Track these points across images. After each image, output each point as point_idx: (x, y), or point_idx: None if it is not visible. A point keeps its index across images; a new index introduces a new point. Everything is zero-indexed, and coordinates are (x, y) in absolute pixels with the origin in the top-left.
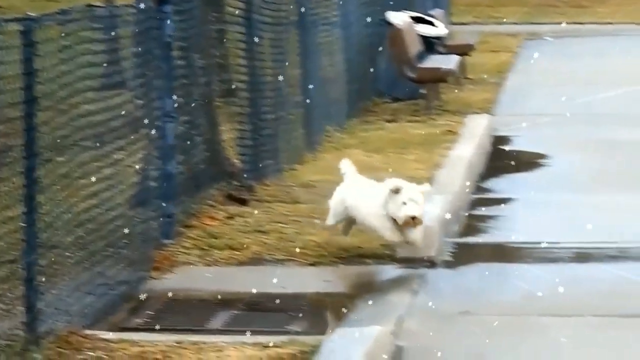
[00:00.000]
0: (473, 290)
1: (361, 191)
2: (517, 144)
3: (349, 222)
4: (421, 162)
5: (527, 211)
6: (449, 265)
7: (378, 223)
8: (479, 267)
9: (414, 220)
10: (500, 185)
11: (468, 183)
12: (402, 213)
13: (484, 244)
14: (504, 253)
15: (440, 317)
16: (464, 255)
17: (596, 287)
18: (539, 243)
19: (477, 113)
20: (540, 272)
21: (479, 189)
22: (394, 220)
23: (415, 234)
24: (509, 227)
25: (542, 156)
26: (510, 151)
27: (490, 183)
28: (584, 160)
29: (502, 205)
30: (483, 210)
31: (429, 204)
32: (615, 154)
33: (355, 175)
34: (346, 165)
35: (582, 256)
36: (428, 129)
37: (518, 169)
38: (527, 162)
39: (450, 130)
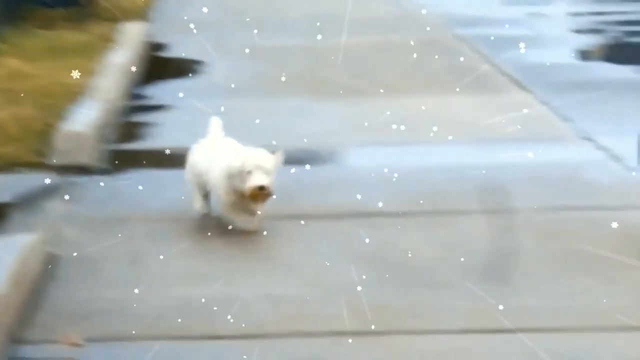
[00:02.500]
0: (130, 197)
1: (213, 155)
2: (174, 51)
3: (203, 192)
4: (77, 69)
5: (183, 117)
6: (105, 172)
7: (223, 197)
8: (136, 173)
9: (262, 192)
10: (158, 92)
11: (124, 90)
12: (248, 185)
13: (141, 151)
14: (160, 159)
15: (97, 223)
16: (120, 161)
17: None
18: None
19: (134, 20)
20: None
21: (136, 96)
22: (241, 194)
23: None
24: (166, 133)
25: (199, 63)
26: (167, 58)
27: (147, 90)
28: (240, 66)
29: (159, 111)
30: (140, 117)
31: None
32: (272, 60)
33: (216, 136)
34: (214, 124)
35: None
36: (84, 37)
37: (175, 75)
38: (185, 68)
39: (106, 38)
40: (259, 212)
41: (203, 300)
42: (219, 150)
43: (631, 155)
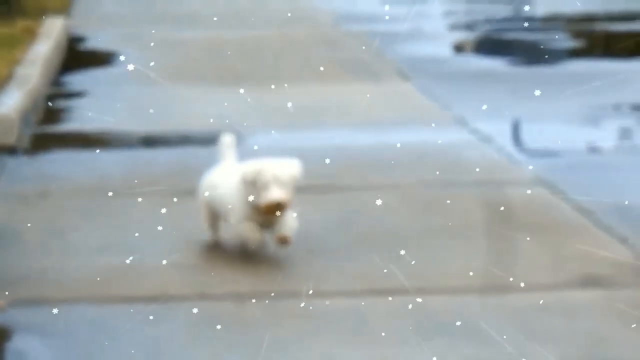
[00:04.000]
0: (51, 175)
1: (223, 177)
2: (92, 43)
3: (214, 217)
4: (2, 59)
5: (99, 102)
6: (27, 152)
7: (234, 217)
8: (57, 153)
9: (278, 207)
10: (76, 80)
11: (46, 78)
12: (263, 199)
13: (61, 133)
14: (79, 140)
15: (21, 199)
16: (42, 143)
17: (161, 167)
18: (108, 132)
19: (56, 15)
20: (113, 157)
21: (57, 84)
22: (256, 210)
23: (287, 225)
24: (83, 117)
25: (114, 53)
26: (85, 49)
27: (67, 78)
28: (154, 57)
29: (78, 97)
30: (60, 103)
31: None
32: (179, 51)
33: (228, 161)
34: (226, 144)
35: (149, 140)
36: (9, 30)
37: (92, 65)
38: (101, 59)
39: (30, 31)
40: (287, 236)
41: (119, 268)
42: (231, 171)
43: (500, 137)
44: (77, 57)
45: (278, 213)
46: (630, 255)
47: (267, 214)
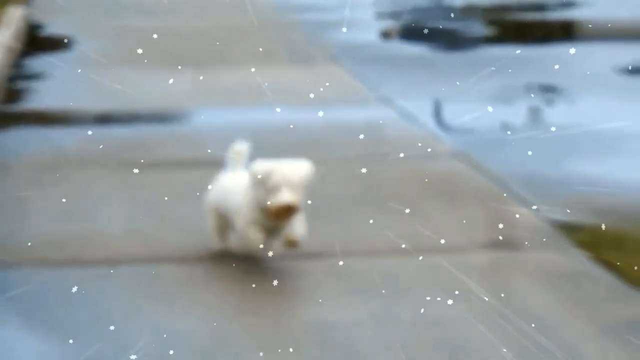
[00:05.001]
0: (12, 150)
1: (232, 183)
2: (50, 30)
3: (222, 225)
4: None
5: (57, 83)
6: None
7: (241, 221)
8: (17, 130)
9: (289, 211)
10: (35, 63)
11: (7, 62)
12: (273, 201)
13: (21, 111)
14: (38, 118)
15: None
16: (3, 121)
17: (116, 142)
18: (66, 110)
19: (16, 4)
20: (70, 133)
21: (17, 66)
22: (264, 214)
23: (297, 228)
24: (42, 97)
25: (71, 39)
26: (44, 35)
27: (27, 62)
28: (107, 43)
29: (37, 79)
30: (21, 84)
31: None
32: (133, 36)
33: (238, 169)
34: (237, 152)
35: (104, 118)
36: None
37: (51, 49)
38: (59, 44)
39: None
40: (296, 240)
41: (76, 234)
42: (240, 179)
43: (422, 115)
44: (36, 42)
45: (287, 217)
46: (536, 220)
47: (277, 218)
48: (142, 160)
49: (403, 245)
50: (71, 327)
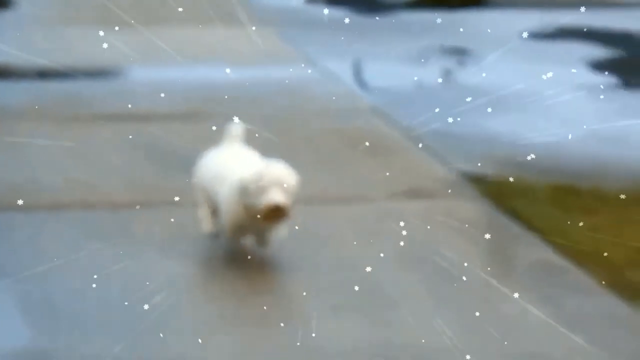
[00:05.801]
0: None
1: (225, 168)
2: None
3: (212, 207)
4: None
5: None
6: None
7: (226, 219)
8: None
9: (278, 212)
10: None
11: None
12: (263, 201)
13: None
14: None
15: None
16: None
17: (55, 96)
18: (7, 65)
19: None
20: (12, 87)
21: None
22: (251, 214)
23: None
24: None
25: None
26: None
27: None
28: (48, 2)
29: None
30: None
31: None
32: None
33: (234, 144)
34: (233, 131)
35: (44, 73)
36: None
37: None
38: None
39: None
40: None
41: (19, 182)
42: (231, 163)
43: (343, 74)
44: None
45: (276, 220)
46: (448, 172)
47: (265, 220)
48: (78, 113)
49: (326, 195)
50: (14, 263)
